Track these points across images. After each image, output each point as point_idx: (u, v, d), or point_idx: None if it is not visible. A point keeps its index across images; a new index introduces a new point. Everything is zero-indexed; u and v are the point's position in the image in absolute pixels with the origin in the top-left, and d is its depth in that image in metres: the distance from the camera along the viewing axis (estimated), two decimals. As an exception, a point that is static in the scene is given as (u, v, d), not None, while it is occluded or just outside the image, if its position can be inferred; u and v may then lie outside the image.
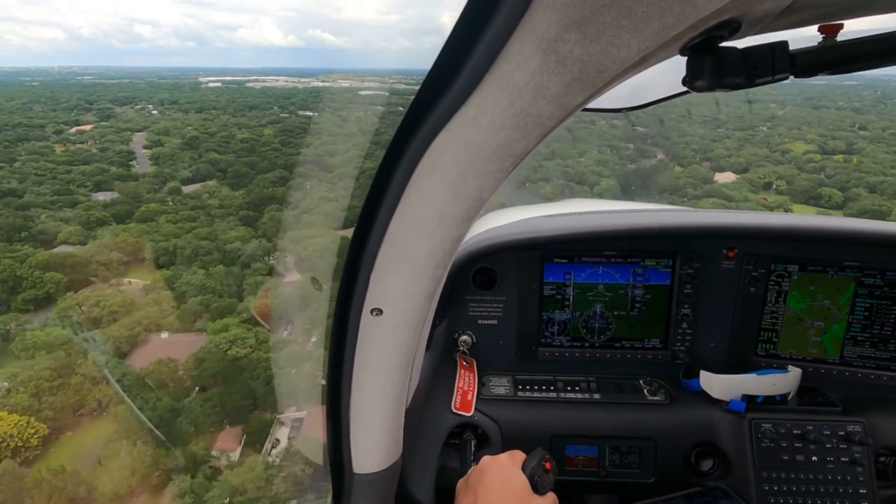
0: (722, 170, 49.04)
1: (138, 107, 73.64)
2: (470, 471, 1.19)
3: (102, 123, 63.44)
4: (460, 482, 1.19)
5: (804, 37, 0.80)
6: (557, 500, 1.15)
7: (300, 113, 69.58)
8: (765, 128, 57.97)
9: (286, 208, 40.01)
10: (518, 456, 1.19)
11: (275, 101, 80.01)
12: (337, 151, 46.31)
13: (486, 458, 1.18)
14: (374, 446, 1.18)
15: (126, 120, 66.04)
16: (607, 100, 0.94)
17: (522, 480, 1.12)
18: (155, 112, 70.54)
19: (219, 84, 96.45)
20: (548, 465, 1.16)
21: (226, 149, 54.54)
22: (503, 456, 1.18)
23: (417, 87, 0.74)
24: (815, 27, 0.80)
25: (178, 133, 59.29)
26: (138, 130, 60.75)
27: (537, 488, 1.12)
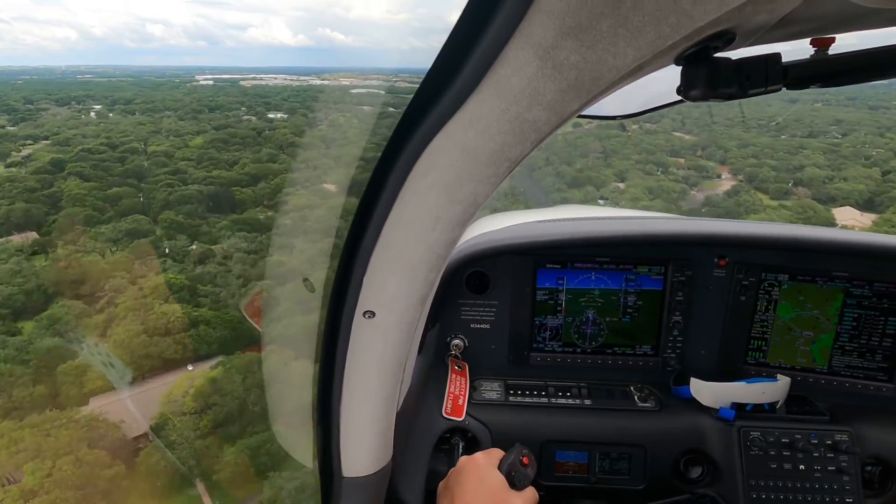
0: (833, 201, 33.01)
1: (80, 107, 60.77)
2: (449, 472, 1.18)
3: (9, 129, 48.51)
4: (440, 485, 1.19)
5: (796, 49, 0.81)
6: (537, 495, 1.14)
7: (269, 115, 57.43)
8: (838, 136, 43.99)
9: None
10: (495, 454, 1.18)
11: (250, 100, 65.91)
12: (267, 174, 33.79)
13: (462, 459, 1.18)
14: (364, 450, 1.17)
15: (38, 125, 50.65)
16: (602, 107, 0.95)
17: (498, 478, 1.11)
18: (93, 114, 58.14)
19: (211, 82, 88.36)
20: (525, 460, 1.16)
21: (109, 169, 36.96)
22: (479, 455, 1.17)
23: (416, 85, 0.74)
24: (808, 40, 0.81)
25: (78, 143, 42.54)
26: (44, 139, 45.73)
27: (515, 484, 1.11)
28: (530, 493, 1.13)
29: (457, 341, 1.84)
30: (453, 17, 0.69)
